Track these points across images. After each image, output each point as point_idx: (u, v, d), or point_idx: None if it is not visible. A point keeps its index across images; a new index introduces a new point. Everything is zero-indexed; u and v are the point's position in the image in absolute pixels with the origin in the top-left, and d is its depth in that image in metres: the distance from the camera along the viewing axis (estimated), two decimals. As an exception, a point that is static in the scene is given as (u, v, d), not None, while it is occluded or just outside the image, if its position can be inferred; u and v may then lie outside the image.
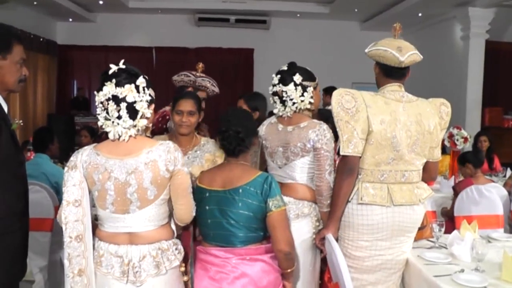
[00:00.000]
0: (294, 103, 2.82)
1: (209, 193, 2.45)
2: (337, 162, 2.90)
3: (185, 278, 2.36)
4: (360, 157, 2.69)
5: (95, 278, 2.17)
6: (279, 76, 2.86)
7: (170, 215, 2.32)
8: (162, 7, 10.77)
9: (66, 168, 2.18)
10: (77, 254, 2.13)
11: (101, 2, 10.10)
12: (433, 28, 10.08)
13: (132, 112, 2.10)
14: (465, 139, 5.56)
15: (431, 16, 9.59)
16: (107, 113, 2.10)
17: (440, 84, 9.49)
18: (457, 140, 5.57)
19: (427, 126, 2.78)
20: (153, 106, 2.20)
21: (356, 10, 10.45)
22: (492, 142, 6.45)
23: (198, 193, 2.45)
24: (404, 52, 2.70)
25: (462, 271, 2.57)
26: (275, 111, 2.94)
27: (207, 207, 2.44)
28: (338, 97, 2.71)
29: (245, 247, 2.39)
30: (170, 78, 4.00)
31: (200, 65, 3.87)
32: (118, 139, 2.13)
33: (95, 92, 2.13)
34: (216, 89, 3.86)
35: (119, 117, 2.08)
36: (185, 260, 2.35)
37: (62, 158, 5.35)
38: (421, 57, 2.80)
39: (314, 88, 2.90)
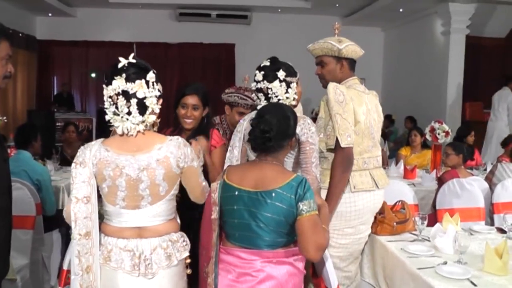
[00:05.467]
0: (279, 100, 2.74)
1: (239, 192, 2.25)
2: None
3: (188, 271, 2.32)
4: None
5: (103, 273, 2.14)
6: (262, 72, 2.77)
7: (176, 210, 2.31)
8: (143, 2, 10.69)
9: (73, 164, 2.14)
10: (85, 252, 2.10)
11: (81, -3, 10.00)
12: (414, 23, 10.15)
13: (142, 108, 2.09)
14: (447, 133, 5.63)
15: (412, 11, 9.66)
16: (116, 108, 2.08)
17: (421, 79, 9.56)
18: (439, 134, 5.63)
19: (380, 114, 3.12)
20: (161, 101, 2.18)
21: (337, 5, 10.47)
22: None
23: (226, 190, 2.29)
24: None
25: (445, 263, 2.60)
26: (259, 107, 2.87)
27: (235, 207, 2.25)
28: (333, 91, 2.83)
29: (272, 251, 2.22)
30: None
31: (247, 76, 3.87)
32: (127, 134, 2.12)
33: (104, 86, 2.11)
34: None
35: (129, 113, 2.07)
36: (192, 255, 2.31)
37: (43, 155, 5.29)
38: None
39: (296, 83, 2.84)
